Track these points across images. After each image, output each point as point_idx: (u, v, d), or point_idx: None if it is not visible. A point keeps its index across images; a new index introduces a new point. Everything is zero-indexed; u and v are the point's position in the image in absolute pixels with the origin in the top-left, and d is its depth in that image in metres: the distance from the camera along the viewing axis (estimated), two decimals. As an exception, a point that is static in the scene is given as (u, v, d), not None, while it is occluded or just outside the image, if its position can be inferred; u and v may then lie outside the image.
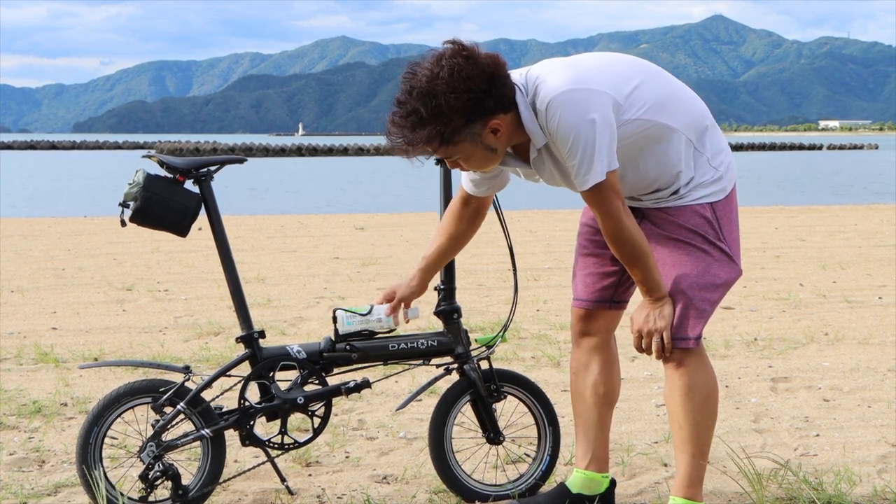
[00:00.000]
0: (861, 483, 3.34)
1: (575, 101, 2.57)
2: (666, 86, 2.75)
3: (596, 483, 3.06)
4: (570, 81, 2.59)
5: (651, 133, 2.69)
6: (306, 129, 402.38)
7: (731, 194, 2.83)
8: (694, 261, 2.75)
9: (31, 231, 13.06)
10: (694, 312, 2.74)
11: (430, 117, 2.52)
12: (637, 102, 2.66)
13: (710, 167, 2.78)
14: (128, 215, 3.02)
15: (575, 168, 2.61)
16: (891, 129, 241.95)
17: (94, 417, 2.96)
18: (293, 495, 3.31)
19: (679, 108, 2.73)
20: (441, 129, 2.53)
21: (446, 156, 2.65)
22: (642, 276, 2.72)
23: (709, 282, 2.75)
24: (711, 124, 2.82)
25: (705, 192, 2.76)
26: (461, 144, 2.60)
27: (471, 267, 8.88)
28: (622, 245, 2.68)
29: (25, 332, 6.08)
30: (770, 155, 70.82)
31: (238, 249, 10.17)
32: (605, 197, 2.63)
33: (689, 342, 2.74)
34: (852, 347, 5.52)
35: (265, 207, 20.34)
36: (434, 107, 2.51)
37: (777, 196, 23.76)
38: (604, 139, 2.58)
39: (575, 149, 2.58)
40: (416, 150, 2.58)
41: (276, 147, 72.37)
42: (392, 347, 3.16)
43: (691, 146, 2.75)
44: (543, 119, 2.61)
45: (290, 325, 6.27)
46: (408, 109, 2.55)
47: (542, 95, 2.60)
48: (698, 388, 2.77)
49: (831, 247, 10.63)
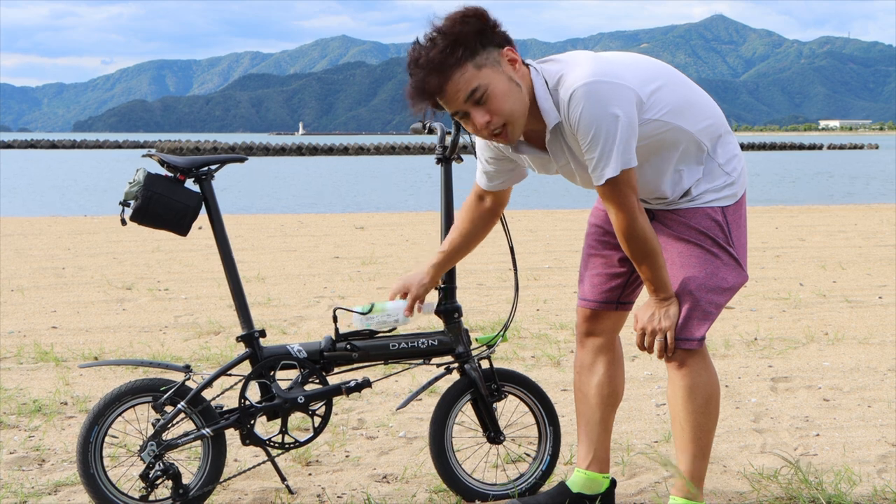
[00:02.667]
0: (861, 483, 3.34)
1: (599, 93, 2.55)
2: (687, 90, 2.75)
3: (597, 483, 3.06)
4: (596, 73, 2.57)
5: (667, 136, 2.68)
6: (306, 128, 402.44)
7: (742, 200, 2.82)
8: (702, 263, 2.74)
9: (31, 230, 13.06)
10: (699, 314, 2.73)
11: (443, 38, 2.52)
12: (658, 103, 2.66)
13: (723, 173, 2.77)
14: (128, 214, 3.02)
15: (594, 161, 2.60)
16: (891, 128, 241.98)
17: (95, 416, 2.96)
18: (293, 494, 3.31)
19: (698, 113, 2.73)
20: (459, 45, 2.51)
21: (474, 84, 2.53)
22: (651, 274, 2.71)
23: (716, 284, 2.74)
24: (726, 131, 2.82)
25: (717, 195, 2.76)
26: (486, 69, 2.54)
27: (471, 266, 8.88)
28: (634, 242, 2.68)
29: (25, 331, 6.08)
30: (770, 155, 70.83)
31: (238, 248, 10.18)
32: (620, 192, 2.62)
33: (692, 343, 2.74)
34: (852, 347, 5.52)
35: (265, 207, 20.35)
36: (442, 33, 2.52)
37: (777, 196, 23.76)
38: (625, 134, 2.56)
39: (595, 141, 2.57)
40: (443, 71, 2.51)
41: (276, 146, 72.37)
42: (392, 347, 3.16)
43: (704, 151, 2.75)
44: (566, 108, 2.59)
45: (291, 325, 6.27)
46: (420, 49, 2.55)
47: (568, 84, 2.57)
48: (700, 389, 2.77)
49: (831, 247, 10.63)
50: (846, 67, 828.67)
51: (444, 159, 3.19)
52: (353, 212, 17.78)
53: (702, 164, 2.75)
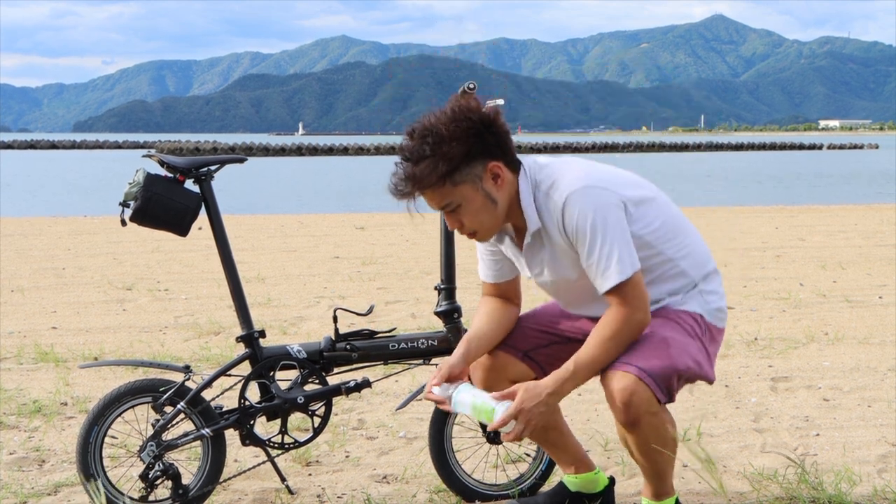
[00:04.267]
0: (861, 483, 3.34)
1: (595, 197, 2.55)
2: (675, 214, 2.74)
3: (591, 481, 3.06)
4: (587, 178, 2.59)
5: (651, 263, 2.66)
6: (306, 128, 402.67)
7: (719, 333, 2.76)
8: (684, 336, 2.66)
9: (31, 230, 13.07)
10: (675, 375, 2.60)
11: (431, 148, 2.51)
12: (645, 217, 2.64)
13: (704, 301, 2.74)
14: (128, 215, 3.02)
15: (594, 266, 2.58)
16: (891, 128, 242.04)
17: (95, 417, 2.96)
18: (293, 495, 3.31)
19: (684, 241, 2.72)
20: (442, 163, 2.50)
21: (447, 200, 2.57)
22: (602, 362, 2.57)
23: (694, 357, 2.65)
24: (714, 270, 2.78)
25: (698, 308, 2.72)
26: (461, 186, 2.55)
27: (471, 266, 8.85)
28: (635, 332, 2.58)
29: (25, 332, 6.08)
30: (770, 155, 70.82)
31: (238, 249, 10.15)
32: (628, 295, 2.57)
33: (661, 397, 2.57)
34: (852, 347, 5.52)
35: (265, 207, 20.34)
36: (435, 136, 2.51)
37: (777, 196, 23.76)
38: (625, 237, 2.56)
39: (594, 245, 2.55)
40: (420, 187, 2.53)
41: (276, 146, 72.38)
42: (392, 347, 3.16)
43: (692, 285, 2.72)
44: (559, 213, 2.58)
45: (291, 325, 6.27)
46: (411, 148, 2.54)
47: (562, 189, 2.57)
48: (658, 442, 2.63)
49: (831, 247, 10.63)
50: (846, 67, 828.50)
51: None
52: (353, 212, 17.77)
53: (679, 294, 2.72)
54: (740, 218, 14.97)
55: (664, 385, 2.56)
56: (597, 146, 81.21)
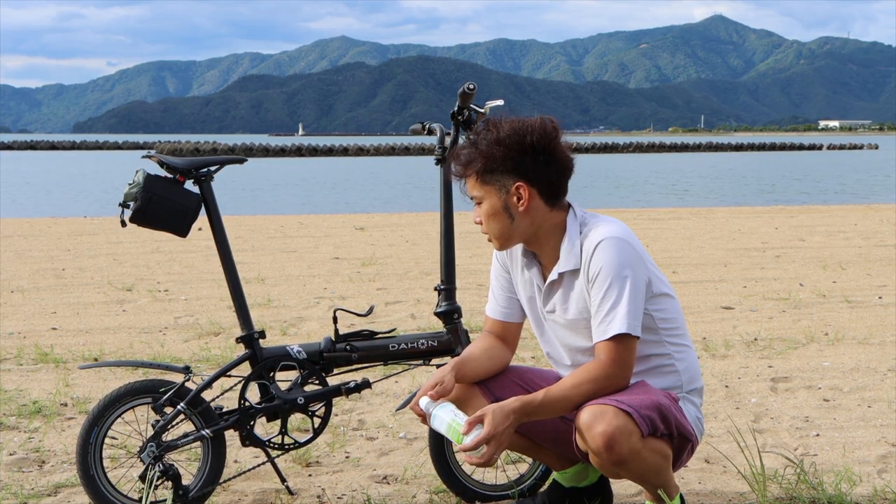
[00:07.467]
0: (861, 483, 3.34)
1: (625, 251, 2.62)
2: (684, 322, 2.80)
3: (580, 474, 3.04)
4: (629, 237, 2.66)
5: (651, 353, 2.71)
6: (306, 129, 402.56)
7: (694, 436, 2.76)
8: (662, 395, 2.69)
9: (31, 231, 13.07)
10: (656, 409, 2.61)
11: (484, 143, 2.67)
12: (661, 305, 2.71)
13: (689, 402, 2.77)
14: (128, 215, 3.03)
15: (603, 313, 2.61)
16: (891, 129, 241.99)
17: (95, 418, 2.96)
18: (293, 495, 3.31)
19: (686, 349, 2.78)
20: (481, 159, 2.65)
21: (475, 192, 2.71)
22: (571, 401, 2.60)
23: (673, 406, 2.68)
24: (702, 388, 2.83)
25: (682, 405, 2.75)
26: (488, 187, 2.68)
27: (471, 267, 8.88)
28: (609, 390, 2.60)
29: (25, 333, 6.08)
30: (770, 155, 70.81)
31: (238, 250, 10.17)
32: (619, 354, 2.60)
33: (643, 428, 2.57)
34: (852, 347, 5.52)
35: (265, 207, 20.35)
36: (493, 135, 2.66)
37: (777, 196, 23.76)
38: (638, 297, 2.61)
39: (610, 293, 2.60)
40: (462, 166, 2.70)
41: (276, 147, 72.38)
42: (392, 348, 3.16)
43: (679, 389, 2.76)
44: (588, 256, 2.65)
45: (291, 326, 6.27)
46: (477, 133, 2.71)
47: (597, 233, 2.65)
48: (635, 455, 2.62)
49: (831, 247, 10.63)
50: (846, 68, 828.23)
51: (443, 160, 3.19)
52: (353, 212, 17.77)
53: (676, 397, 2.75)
54: (740, 218, 14.97)
55: (646, 417, 2.57)
56: (597, 146, 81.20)
